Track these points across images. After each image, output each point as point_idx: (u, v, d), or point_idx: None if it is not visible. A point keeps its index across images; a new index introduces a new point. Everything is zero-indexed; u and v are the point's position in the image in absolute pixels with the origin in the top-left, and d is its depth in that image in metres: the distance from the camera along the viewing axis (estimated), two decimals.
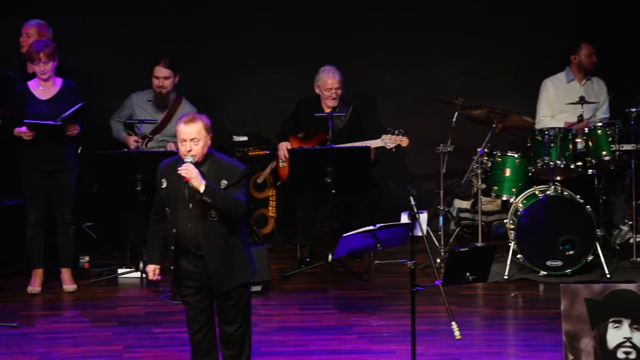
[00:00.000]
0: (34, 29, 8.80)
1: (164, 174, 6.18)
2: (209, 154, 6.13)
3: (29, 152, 8.29)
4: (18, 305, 8.19)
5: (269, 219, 9.85)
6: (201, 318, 6.23)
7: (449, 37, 10.20)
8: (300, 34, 10.07)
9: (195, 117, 6.12)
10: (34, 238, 8.42)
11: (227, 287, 6.15)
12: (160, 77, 9.09)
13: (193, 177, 5.97)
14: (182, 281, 6.21)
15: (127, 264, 9.04)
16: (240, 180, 6.12)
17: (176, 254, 6.15)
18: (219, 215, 6.07)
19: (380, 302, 8.30)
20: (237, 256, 6.18)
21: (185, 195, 6.04)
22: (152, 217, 6.30)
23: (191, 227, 6.08)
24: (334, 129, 9.00)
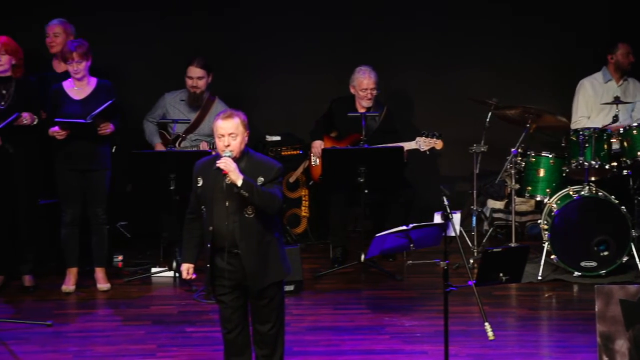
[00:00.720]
0: (59, 27, 8.84)
1: (200, 172, 6.20)
2: (246, 152, 6.15)
3: (63, 151, 8.34)
4: (52, 304, 8.24)
5: (302, 219, 9.86)
6: (235, 317, 6.24)
7: (484, 37, 10.17)
8: (334, 33, 10.06)
9: (232, 113, 6.14)
10: (68, 237, 8.46)
11: (262, 284, 6.16)
12: (194, 77, 9.12)
13: (231, 170, 5.99)
14: (217, 280, 6.22)
15: (160, 263, 9.07)
16: (277, 178, 6.14)
17: (212, 252, 6.17)
18: (256, 212, 6.08)
19: (413, 302, 8.28)
20: (272, 254, 6.18)
21: (223, 189, 6.06)
22: (188, 216, 6.31)
23: (227, 224, 6.09)
24: (367, 129, 8.99)
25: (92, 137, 8.26)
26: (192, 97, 9.16)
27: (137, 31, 9.85)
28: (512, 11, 10.15)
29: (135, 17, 9.84)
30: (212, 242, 6.14)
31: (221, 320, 6.28)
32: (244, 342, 6.29)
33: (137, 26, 9.84)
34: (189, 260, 6.31)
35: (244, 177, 5.99)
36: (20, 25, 9.41)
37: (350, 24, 10.08)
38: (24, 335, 7.53)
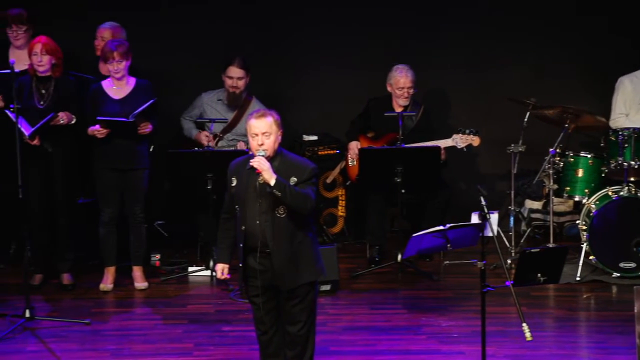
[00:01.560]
0: (108, 31, 8.89)
1: (234, 172, 6.21)
2: (280, 152, 6.15)
3: (102, 150, 8.38)
4: (90, 302, 8.29)
5: (339, 219, 9.85)
6: (268, 319, 6.23)
7: (523, 35, 10.11)
8: (371, 33, 10.05)
9: (266, 112, 6.14)
10: (106, 236, 8.51)
11: (292, 285, 6.15)
12: (234, 77, 9.13)
13: (264, 170, 5.99)
14: (249, 280, 6.23)
15: (197, 262, 9.10)
16: (310, 179, 6.12)
17: (244, 252, 6.17)
18: (288, 213, 6.07)
19: (450, 303, 8.25)
20: (304, 255, 6.17)
21: (256, 188, 6.06)
22: (223, 216, 6.32)
23: (259, 224, 6.09)
24: (404, 128, 8.97)
25: (132, 136, 8.30)
26: (232, 97, 9.18)
27: (174, 31, 9.87)
28: (552, 8, 10.08)
29: (172, 17, 9.87)
30: (244, 241, 6.15)
31: (255, 321, 6.28)
32: (278, 344, 6.28)
33: (174, 25, 9.87)
34: (223, 260, 6.32)
35: (277, 176, 5.99)
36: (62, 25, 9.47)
37: (387, 23, 10.06)
38: (62, 334, 7.58)
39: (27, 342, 7.43)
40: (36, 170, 8.33)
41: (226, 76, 9.14)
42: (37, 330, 7.62)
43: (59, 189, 8.43)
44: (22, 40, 8.71)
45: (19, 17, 8.72)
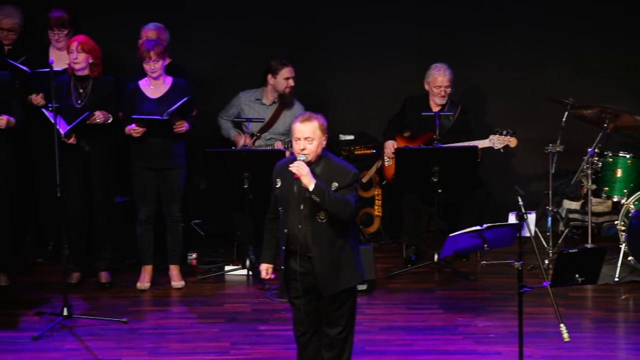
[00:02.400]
0: (152, 32, 8.91)
1: (279, 173, 6.19)
2: (324, 156, 6.12)
3: (138, 149, 8.42)
4: (128, 300, 8.33)
5: (375, 218, 9.84)
6: (307, 321, 6.23)
7: (560, 34, 10.05)
8: (409, 31, 10.02)
9: (311, 117, 6.11)
10: (143, 235, 8.55)
11: (333, 290, 6.14)
12: (290, 77, 9.16)
13: (303, 175, 5.97)
14: (290, 282, 6.23)
15: (234, 261, 9.12)
16: (352, 184, 6.09)
17: (286, 254, 6.17)
18: (328, 218, 6.06)
19: (487, 303, 8.22)
20: (345, 260, 6.15)
21: (295, 193, 6.06)
22: (268, 216, 6.32)
23: (301, 228, 6.09)
24: (441, 128, 8.94)
25: (168, 135, 8.33)
26: (285, 97, 9.17)
27: (213, 31, 9.90)
28: (591, 7, 10.00)
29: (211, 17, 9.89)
30: (286, 244, 6.15)
31: (294, 322, 6.29)
32: (317, 345, 6.29)
33: (213, 25, 9.89)
34: (267, 260, 6.32)
35: (316, 182, 5.97)
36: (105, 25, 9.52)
37: (424, 23, 10.03)
38: (100, 332, 7.62)
39: (65, 340, 7.48)
40: (74, 169, 8.38)
41: (282, 78, 9.12)
42: (74, 328, 7.67)
43: (96, 188, 8.47)
44: (63, 43, 8.76)
45: (60, 20, 8.77)
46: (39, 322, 7.76)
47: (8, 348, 7.32)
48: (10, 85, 8.21)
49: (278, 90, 9.16)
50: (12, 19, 8.97)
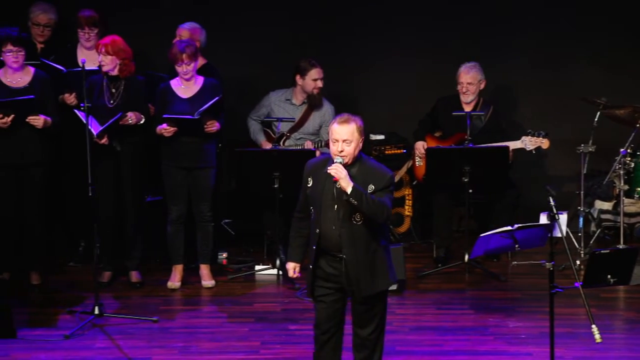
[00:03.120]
0: (187, 31, 8.93)
1: (311, 172, 6.17)
2: (359, 158, 6.11)
3: (170, 149, 8.44)
4: (158, 299, 8.35)
5: (405, 218, 9.82)
6: (331, 319, 6.23)
7: (592, 34, 9.99)
8: (440, 30, 9.99)
9: (349, 118, 6.09)
10: (174, 234, 8.57)
11: (368, 292, 6.14)
12: (318, 79, 9.15)
13: (342, 178, 5.96)
14: (318, 282, 6.22)
15: (264, 260, 9.13)
16: (388, 187, 6.08)
17: (317, 254, 6.17)
18: (364, 220, 6.05)
19: (518, 304, 8.19)
20: (378, 263, 6.15)
21: (333, 195, 6.05)
22: (296, 215, 6.31)
23: (335, 229, 6.08)
24: (473, 128, 8.91)
25: (199, 134, 8.35)
26: (314, 97, 9.17)
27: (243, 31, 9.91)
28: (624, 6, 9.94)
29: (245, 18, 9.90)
30: (317, 244, 6.14)
31: (317, 320, 6.28)
32: (336, 345, 6.28)
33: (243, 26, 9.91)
34: (295, 259, 6.32)
35: (353, 184, 5.96)
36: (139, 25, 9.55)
37: (455, 23, 10.00)
38: (130, 331, 7.65)
39: (96, 339, 7.52)
40: (105, 169, 8.41)
41: (310, 79, 9.13)
42: (105, 327, 7.70)
43: (127, 188, 8.50)
44: (93, 42, 8.79)
45: (91, 20, 8.80)
46: (71, 320, 7.80)
47: (40, 346, 7.37)
48: (48, 85, 8.27)
49: (306, 91, 9.16)
50: (48, 15, 9.02)
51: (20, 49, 8.10)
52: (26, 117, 8.10)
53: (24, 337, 7.32)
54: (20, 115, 8.08)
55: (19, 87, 8.20)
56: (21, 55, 8.14)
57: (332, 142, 6.07)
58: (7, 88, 8.19)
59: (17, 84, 8.22)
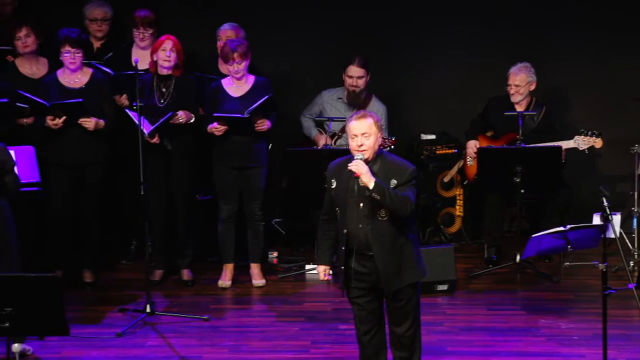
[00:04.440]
0: (231, 32, 8.94)
1: (334, 173, 6.21)
2: (380, 154, 6.13)
3: (221, 148, 8.47)
4: (209, 298, 8.39)
5: (456, 218, 9.78)
6: (370, 319, 6.25)
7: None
8: (492, 32, 9.93)
9: (365, 114, 6.17)
10: (224, 233, 8.60)
11: (396, 287, 6.15)
12: (354, 77, 9.12)
13: (363, 173, 5.98)
14: (351, 282, 6.24)
15: (314, 260, 9.13)
16: (410, 180, 6.09)
17: (346, 254, 6.18)
18: (389, 215, 6.06)
19: (570, 305, 8.13)
20: (406, 256, 6.16)
21: (355, 192, 6.06)
22: (322, 218, 6.35)
23: (361, 227, 6.09)
24: (525, 128, 8.86)
25: (249, 133, 8.37)
26: (352, 95, 9.17)
27: (295, 29, 9.92)
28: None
29: (292, 15, 9.91)
30: (346, 244, 6.15)
31: (356, 322, 6.31)
32: (378, 344, 6.30)
33: (294, 24, 9.91)
34: (324, 262, 6.38)
35: (376, 180, 5.97)
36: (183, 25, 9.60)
37: (508, 22, 9.93)
38: (181, 329, 7.70)
39: (148, 337, 7.57)
40: (156, 167, 8.47)
41: (346, 75, 9.13)
42: (157, 325, 7.75)
43: (178, 186, 8.55)
44: (148, 42, 8.85)
45: (146, 20, 8.85)
46: (123, 318, 7.86)
47: (93, 344, 7.43)
48: (105, 87, 8.34)
49: (346, 89, 9.15)
50: (103, 8, 9.09)
51: (77, 50, 8.17)
52: (78, 119, 8.17)
53: (76, 335, 7.38)
54: (72, 117, 8.15)
55: (76, 88, 8.28)
56: (78, 57, 8.21)
57: (351, 139, 6.12)
58: (64, 88, 8.27)
59: (74, 84, 8.30)
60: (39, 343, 7.26)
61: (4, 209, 7.01)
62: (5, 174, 7.02)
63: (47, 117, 8.15)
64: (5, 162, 7.01)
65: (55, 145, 8.24)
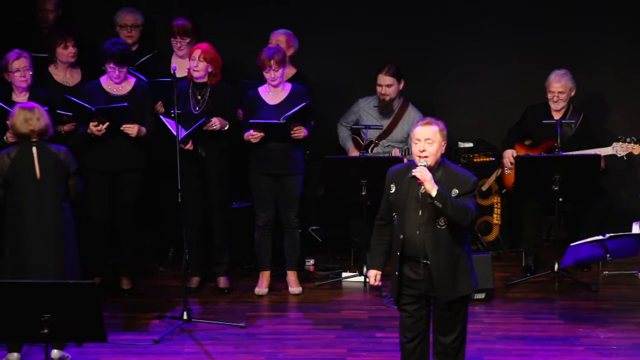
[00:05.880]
0: (282, 37, 8.96)
1: (394, 179, 6.18)
2: (442, 163, 6.11)
3: (257, 155, 8.48)
4: (246, 305, 8.40)
5: (494, 227, 9.74)
6: (417, 327, 6.22)
7: None
8: (528, 36, 9.89)
9: (432, 121, 6.15)
10: (261, 240, 8.61)
11: (450, 297, 6.13)
12: (383, 85, 9.12)
13: (427, 180, 5.97)
14: (402, 289, 6.21)
15: (351, 268, 9.12)
16: (472, 191, 6.09)
17: (401, 260, 6.15)
18: (448, 224, 6.03)
19: (609, 314, 8.07)
20: (461, 267, 6.14)
21: (417, 199, 6.04)
22: (377, 222, 6.31)
23: (419, 234, 6.07)
24: (563, 136, 8.81)
25: (286, 140, 8.37)
26: (383, 104, 9.17)
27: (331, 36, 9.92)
28: None
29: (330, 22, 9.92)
30: (401, 250, 6.13)
31: (401, 328, 6.28)
32: (422, 353, 6.27)
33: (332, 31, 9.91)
34: (376, 267, 6.33)
35: (438, 187, 5.95)
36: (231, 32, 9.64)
37: (543, 29, 9.88)
38: (218, 336, 7.71)
39: (185, 344, 7.59)
40: (192, 174, 8.49)
41: (376, 84, 9.14)
42: (194, 332, 7.77)
43: (213, 193, 8.57)
44: (185, 51, 8.88)
45: (183, 29, 8.88)
46: (160, 325, 7.88)
47: (130, 350, 7.46)
48: (147, 95, 8.38)
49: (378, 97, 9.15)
50: (134, 15, 9.14)
51: (121, 67, 8.23)
52: (121, 125, 8.21)
53: (114, 342, 7.41)
54: (115, 123, 8.19)
55: (119, 95, 8.33)
56: (123, 72, 8.27)
57: (414, 144, 6.10)
58: (107, 94, 8.32)
59: (118, 91, 8.35)
60: (77, 350, 7.30)
61: (67, 212, 7.16)
62: (69, 178, 7.16)
63: (90, 123, 8.19)
64: (69, 166, 7.17)
65: (95, 151, 8.29)
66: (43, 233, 7.06)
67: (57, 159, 7.12)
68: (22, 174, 7.07)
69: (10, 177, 7.08)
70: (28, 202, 7.06)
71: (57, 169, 7.12)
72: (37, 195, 7.07)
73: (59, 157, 7.12)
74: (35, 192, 7.07)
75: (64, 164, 7.14)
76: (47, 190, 7.09)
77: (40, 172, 7.08)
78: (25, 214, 7.06)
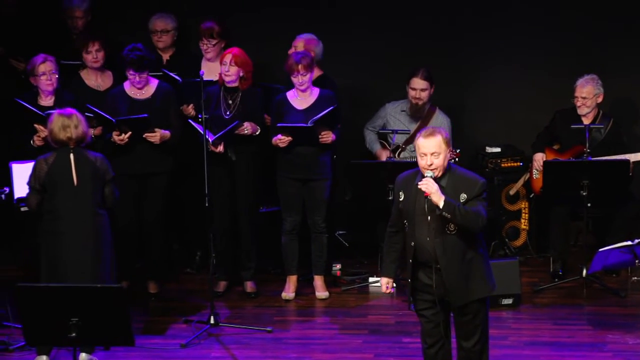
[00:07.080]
0: (302, 42, 8.97)
1: (402, 186, 6.19)
2: (448, 168, 6.10)
3: (284, 160, 8.49)
4: (272, 310, 8.41)
5: (521, 232, 9.70)
6: (436, 332, 6.22)
7: None
8: (557, 40, 9.85)
9: (434, 131, 6.12)
10: (288, 245, 8.61)
11: (464, 301, 6.12)
12: (417, 89, 9.09)
13: (433, 192, 5.96)
14: (418, 294, 6.22)
15: (377, 272, 9.11)
16: (481, 194, 6.05)
17: (414, 267, 6.16)
18: (457, 229, 6.02)
19: (638, 320, 8.02)
20: (475, 270, 6.12)
21: (424, 209, 6.03)
22: (389, 230, 6.33)
23: (429, 241, 6.07)
24: (592, 141, 8.77)
25: (314, 144, 8.37)
26: (415, 108, 9.15)
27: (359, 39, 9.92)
28: None
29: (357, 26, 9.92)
30: (414, 257, 6.13)
31: (422, 334, 6.29)
32: (444, 358, 6.25)
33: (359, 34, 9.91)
34: (388, 274, 6.36)
35: (445, 198, 5.94)
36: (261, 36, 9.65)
37: (572, 35, 9.84)
38: (245, 340, 7.72)
39: (212, 348, 7.60)
40: (220, 178, 8.51)
41: (410, 87, 9.11)
42: (220, 336, 7.78)
43: (242, 197, 8.58)
44: (212, 54, 8.91)
45: (209, 31, 8.91)
46: (187, 329, 7.90)
47: (157, 355, 7.48)
48: (171, 97, 8.41)
49: (410, 101, 9.12)
50: (165, 20, 9.17)
51: (141, 73, 8.25)
52: (143, 133, 8.24)
53: (141, 346, 7.44)
54: (137, 133, 8.22)
55: (142, 99, 8.36)
56: (143, 78, 8.29)
57: (419, 157, 6.08)
58: (131, 99, 8.35)
59: (141, 95, 8.38)
60: (105, 353, 7.33)
61: (103, 218, 7.19)
62: (105, 185, 7.19)
63: (113, 133, 8.23)
64: (106, 173, 7.20)
65: (121, 156, 8.31)
66: (79, 240, 7.08)
67: (94, 166, 7.14)
68: (59, 181, 7.10)
69: (47, 183, 7.11)
70: (65, 209, 7.09)
71: (94, 175, 7.14)
72: (74, 202, 7.10)
73: (96, 164, 7.15)
74: (73, 199, 7.10)
75: (101, 171, 7.16)
76: (84, 196, 7.11)
77: (77, 179, 7.11)
78: (62, 220, 7.09)
